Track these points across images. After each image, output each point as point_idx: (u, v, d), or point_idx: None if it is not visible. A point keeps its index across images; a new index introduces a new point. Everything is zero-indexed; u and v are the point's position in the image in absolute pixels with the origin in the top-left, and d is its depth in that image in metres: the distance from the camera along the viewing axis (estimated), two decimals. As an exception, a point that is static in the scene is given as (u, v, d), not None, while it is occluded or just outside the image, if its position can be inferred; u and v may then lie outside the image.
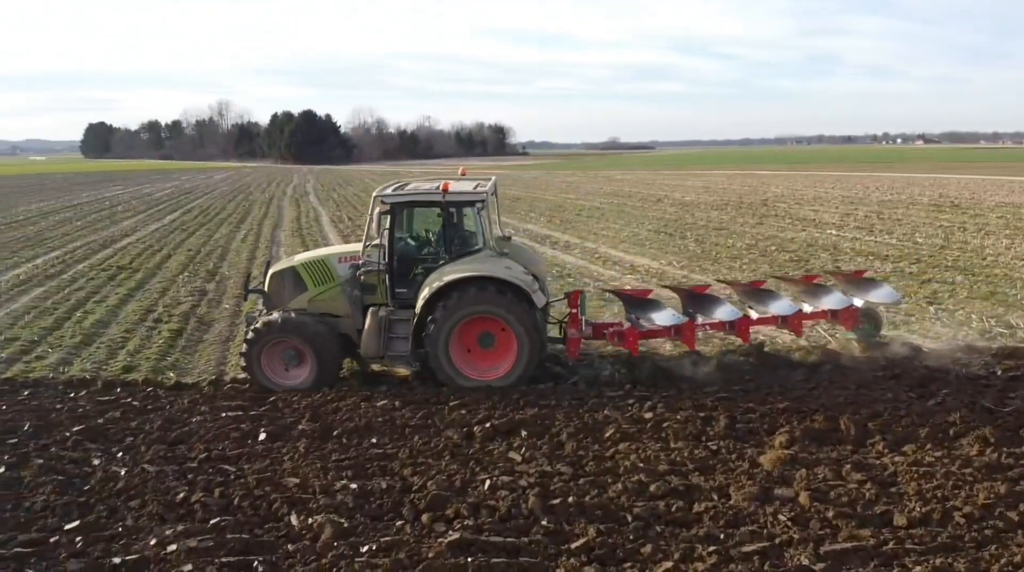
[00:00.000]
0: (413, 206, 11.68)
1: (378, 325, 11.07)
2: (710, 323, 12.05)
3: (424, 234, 12.01)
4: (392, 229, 11.39)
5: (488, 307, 10.78)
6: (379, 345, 11.11)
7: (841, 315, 12.22)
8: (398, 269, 11.40)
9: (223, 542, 6.60)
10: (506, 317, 10.78)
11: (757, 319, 12.28)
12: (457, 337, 10.93)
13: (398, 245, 11.49)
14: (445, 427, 9.38)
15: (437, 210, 11.55)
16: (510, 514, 7.10)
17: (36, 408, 10.33)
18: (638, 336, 11.66)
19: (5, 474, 8.15)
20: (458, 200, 11.39)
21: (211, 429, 9.48)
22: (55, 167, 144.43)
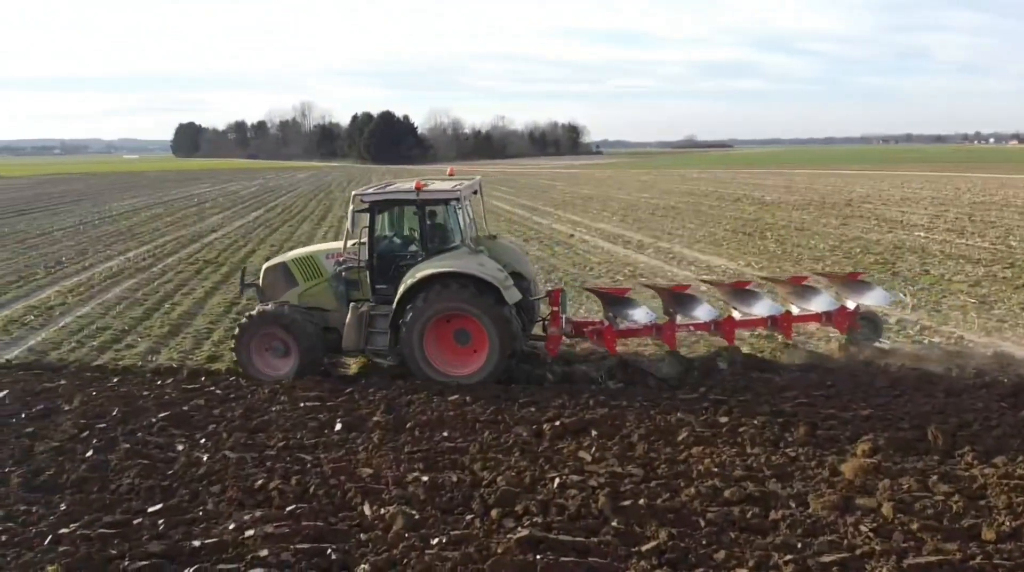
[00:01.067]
0: (390, 204, 11.86)
1: (358, 320, 11.34)
2: (695, 324, 12.05)
3: (403, 232, 12.20)
4: (372, 227, 11.61)
5: (457, 303, 10.88)
6: (359, 339, 11.38)
7: (835, 317, 12.04)
8: (378, 266, 11.62)
9: (298, 529, 6.76)
10: (475, 313, 10.85)
11: (743, 321, 12.17)
12: (432, 333, 11.06)
13: (378, 242, 11.70)
14: (515, 424, 9.39)
15: (414, 208, 11.71)
16: (579, 513, 7.05)
17: (124, 395, 10.82)
18: (615, 334, 11.72)
19: (93, 457, 8.54)
20: (432, 198, 11.59)
21: (290, 418, 9.74)
22: (147, 165, 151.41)
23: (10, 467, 8.31)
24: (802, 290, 12.70)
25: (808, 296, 12.55)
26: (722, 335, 12.04)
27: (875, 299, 12.49)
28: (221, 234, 32.31)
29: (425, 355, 11.06)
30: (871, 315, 12.51)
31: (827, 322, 12.30)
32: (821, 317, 12.27)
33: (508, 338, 10.88)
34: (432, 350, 11.11)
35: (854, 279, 13.05)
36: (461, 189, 11.78)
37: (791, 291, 12.92)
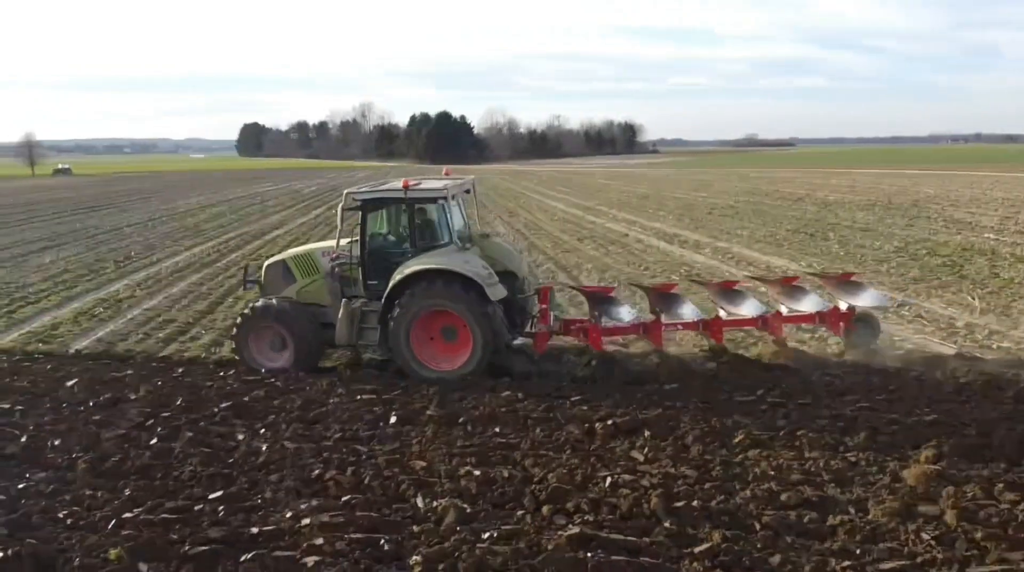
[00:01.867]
0: (380, 203, 12.05)
1: (350, 315, 11.59)
2: (683, 323, 12.06)
3: (393, 230, 12.36)
4: (363, 225, 11.85)
5: (441, 300, 11.06)
6: (351, 334, 11.64)
7: (828, 318, 11.96)
8: (370, 263, 11.85)
9: (353, 519, 6.86)
10: (458, 309, 11.00)
11: (732, 320, 12.16)
12: (419, 329, 11.24)
13: (369, 240, 11.93)
14: (567, 421, 9.37)
15: (403, 206, 11.89)
16: (631, 513, 6.99)
17: (189, 385, 11.16)
18: (600, 333, 11.78)
19: (157, 445, 8.83)
20: (419, 197, 11.77)
21: (346, 410, 9.91)
22: (213, 165, 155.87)
23: (78, 453, 8.62)
24: (792, 290, 12.64)
25: (798, 296, 12.48)
26: (710, 335, 12.08)
27: (868, 300, 12.29)
28: (283, 231, 33.08)
29: (412, 350, 11.26)
30: (867, 317, 12.31)
31: (821, 322, 12.22)
32: (815, 317, 12.20)
33: (490, 334, 11.00)
34: (419, 345, 11.31)
35: (847, 279, 12.89)
36: (448, 188, 11.92)
37: (781, 291, 12.83)
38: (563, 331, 12.31)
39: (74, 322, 16.17)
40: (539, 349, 11.96)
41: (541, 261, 22.98)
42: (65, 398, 10.59)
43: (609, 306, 12.18)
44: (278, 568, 6.11)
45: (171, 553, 6.32)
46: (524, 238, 28.84)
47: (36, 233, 34.18)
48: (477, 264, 11.30)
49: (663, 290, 12.74)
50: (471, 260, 11.37)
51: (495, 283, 11.18)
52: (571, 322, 12.50)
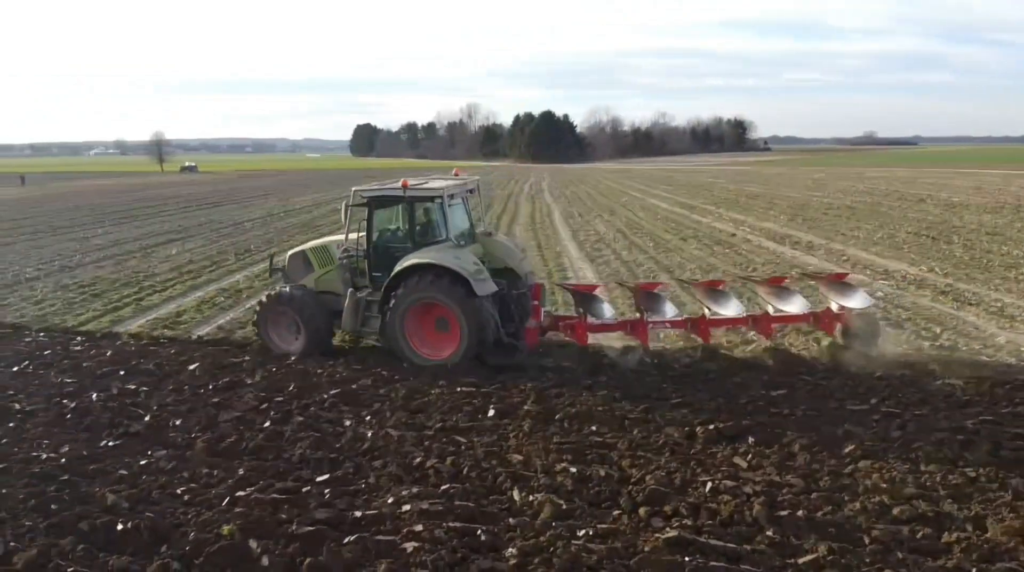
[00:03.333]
0: (384, 200, 12.52)
1: (355, 304, 12.33)
2: (672, 321, 12.26)
3: (396, 226, 12.94)
4: (370, 221, 12.46)
5: (432, 293, 11.58)
6: (355, 322, 12.41)
7: (821, 318, 12.06)
8: (375, 256, 12.48)
9: (451, 508, 7.00)
10: (447, 302, 11.52)
11: (721, 320, 12.27)
12: (414, 319, 11.87)
13: (374, 235, 12.52)
14: (666, 424, 9.22)
15: (403, 205, 12.44)
16: (732, 520, 6.82)
17: (301, 372, 11.64)
18: (586, 329, 12.06)
19: (270, 428, 9.26)
20: (417, 195, 12.29)
21: (447, 401, 10.11)
22: (327, 164, 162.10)
23: (197, 433, 9.17)
24: (779, 291, 12.63)
25: (785, 297, 12.50)
26: (698, 334, 12.25)
27: (855, 302, 12.10)
28: (389, 228, 33.99)
29: (406, 338, 11.89)
30: (868, 318, 12.31)
31: (815, 323, 12.26)
32: (808, 317, 12.27)
33: (476, 327, 11.44)
34: (413, 334, 11.91)
35: (839, 280, 12.78)
36: (446, 188, 12.36)
37: (770, 292, 12.79)
38: (552, 326, 12.68)
39: (197, 310, 17.17)
40: (529, 343, 12.16)
41: (641, 261, 22.68)
42: (187, 381, 11.27)
43: (592, 304, 12.33)
44: (379, 551, 6.30)
45: (279, 532, 6.63)
46: (624, 237, 28.52)
47: (164, 226, 36.53)
48: (468, 260, 11.69)
49: (648, 289, 12.84)
50: (462, 256, 11.76)
51: (484, 279, 11.59)
52: (560, 318, 12.84)
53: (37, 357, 12.74)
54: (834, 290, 12.44)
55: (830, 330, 12.12)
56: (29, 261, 25.11)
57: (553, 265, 22.30)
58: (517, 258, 13.15)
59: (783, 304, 12.40)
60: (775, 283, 13.00)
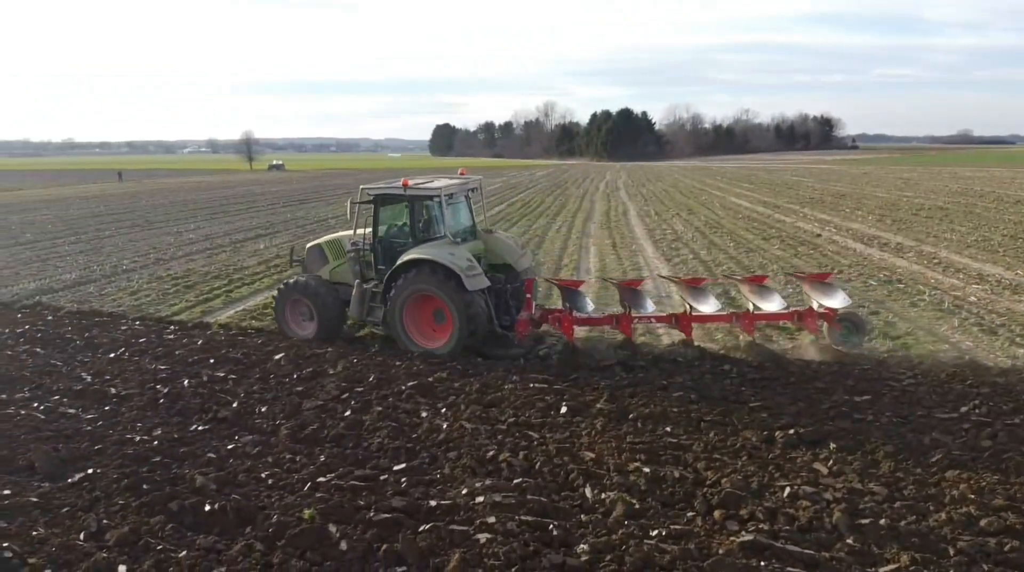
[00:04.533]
0: (388, 198, 13.18)
1: (361, 295, 13.07)
2: (656, 316, 12.79)
3: (399, 222, 13.55)
4: (376, 217, 13.15)
5: (427, 286, 12.19)
6: (361, 311, 13.14)
7: (805, 317, 12.32)
8: (380, 250, 13.18)
9: (523, 501, 7.07)
10: (440, 295, 12.12)
11: (705, 316, 12.57)
12: (412, 310, 12.57)
13: (379, 230, 13.19)
14: (744, 427, 9.04)
15: (404, 203, 13.10)
16: (811, 526, 6.65)
17: (380, 363, 11.93)
18: (572, 322, 12.47)
19: (351, 417, 9.54)
20: (417, 194, 12.86)
21: (520, 397, 10.19)
22: (406, 163, 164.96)
23: (281, 420, 9.53)
24: (760, 290, 12.83)
25: (765, 295, 12.68)
26: (680, 329, 12.59)
27: (834, 302, 12.24)
28: (466, 225, 34.35)
29: (404, 327, 12.60)
30: (854, 317, 12.55)
31: (799, 321, 12.52)
32: (792, 316, 12.61)
33: (466, 319, 12.02)
34: (411, 324, 12.64)
35: (822, 280, 12.88)
36: (444, 187, 12.88)
37: (751, 290, 12.98)
38: (541, 319, 13.09)
39: (282, 302, 17.72)
40: (519, 334, 12.68)
41: (721, 261, 22.26)
42: (272, 370, 11.69)
43: (576, 298, 12.96)
44: (453, 541, 6.43)
45: (358, 518, 6.84)
46: (704, 237, 28.05)
47: (253, 221, 37.91)
48: (462, 257, 12.21)
49: (631, 285, 13.26)
50: (457, 253, 12.30)
51: (475, 274, 12.12)
52: (549, 311, 13.20)
53: (132, 344, 13.45)
54: (816, 290, 12.64)
55: (813, 328, 12.32)
56: (126, 253, 26.49)
57: (628, 264, 22.12)
58: (516, 254, 13.70)
59: (764, 302, 12.61)
60: (757, 282, 13.31)
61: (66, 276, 21.99)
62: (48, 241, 30.60)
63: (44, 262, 24.80)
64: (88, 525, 6.86)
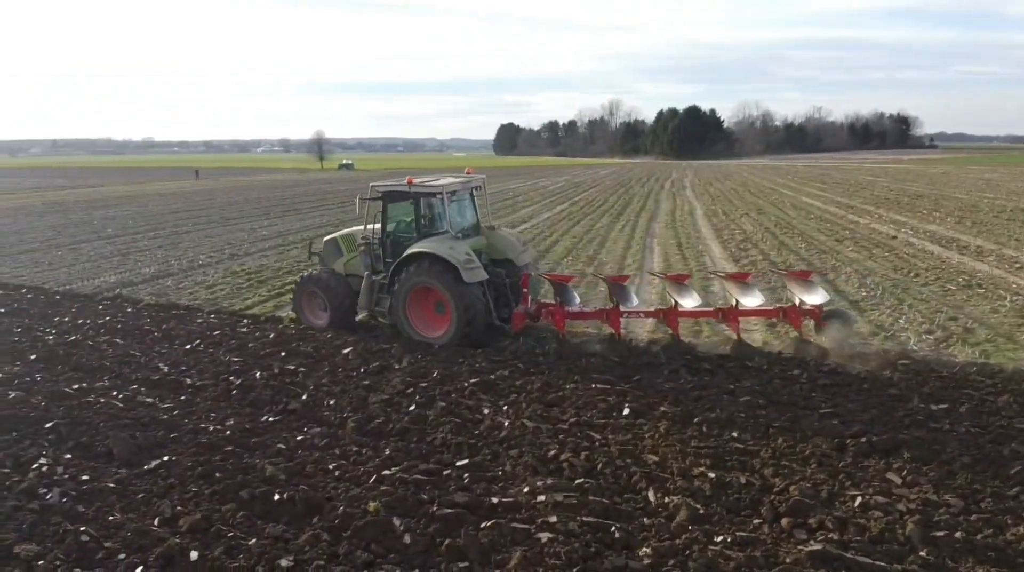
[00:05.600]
0: (395, 195, 13.74)
1: (370, 286, 13.77)
2: (645, 311, 13.32)
3: (406, 218, 14.05)
4: (384, 213, 13.80)
5: (427, 278, 12.76)
6: (370, 302, 13.82)
7: (789, 314, 12.56)
8: (388, 244, 13.80)
9: (585, 502, 7.04)
10: (439, 287, 12.68)
11: (691, 311, 12.90)
12: (415, 301, 13.17)
13: (387, 226, 13.82)
14: (814, 434, 8.79)
15: (409, 199, 13.67)
16: (882, 537, 6.45)
17: (443, 360, 12.04)
18: (563, 316, 12.97)
19: (415, 412, 9.67)
20: (421, 192, 13.45)
21: (582, 397, 10.14)
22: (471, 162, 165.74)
23: (348, 413, 9.73)
24: (743, 286, 13.01)
25: (746, 292, 12.80)
26: (667, 324, 12.87)
27: (813, 299, 12.38)
28: (530, 224, 34.40)
29: (408, 318, 13.23)
30: (842, 315, 12.85)
31: (784, 318, 12.75)
32: (778, 313, 12.86)
33: (464, 310, 12.56)
34: (414, 314, 13.25)
35: (804, 278, 13.06)
36: (447, 185, 13.47)
37: (735, 287, 13.12)
38: (536, 313, 13.46)
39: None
40: (514, 326, 13.09)
41: (791, 262, 21.71)
42: (340, 364, 11.94)
43: (565, 293, 13.26)
44: (515, 539, 6.45)
45: (421, 511, 6.93)
46: (774, 237, 27.41)
47: (324, 219, 38.74)
48: (461, 251, 12.75)
49: (619, 280, 13.73)
50: (457, 247, 12.83)
51: (473, 268, 12.64)
52: (544, 305, 13.57)
53: (207, 336, 13.92)
54: (798, 286, 12.79)
55: (797, 325, 12.54)
56: (202, 249, 27.43)
57: (694, 264, 21.79)
58: (517, 250, 14.22)
59: (745, 298, 12.70)
60: (740, 278, 13.49)
61: (145, 270, 22.92)
62: (128, 236, 31.94)
63: (124, 256, 25.89)
64: (162, 511, 7.13)
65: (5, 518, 6.96)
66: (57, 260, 25.28)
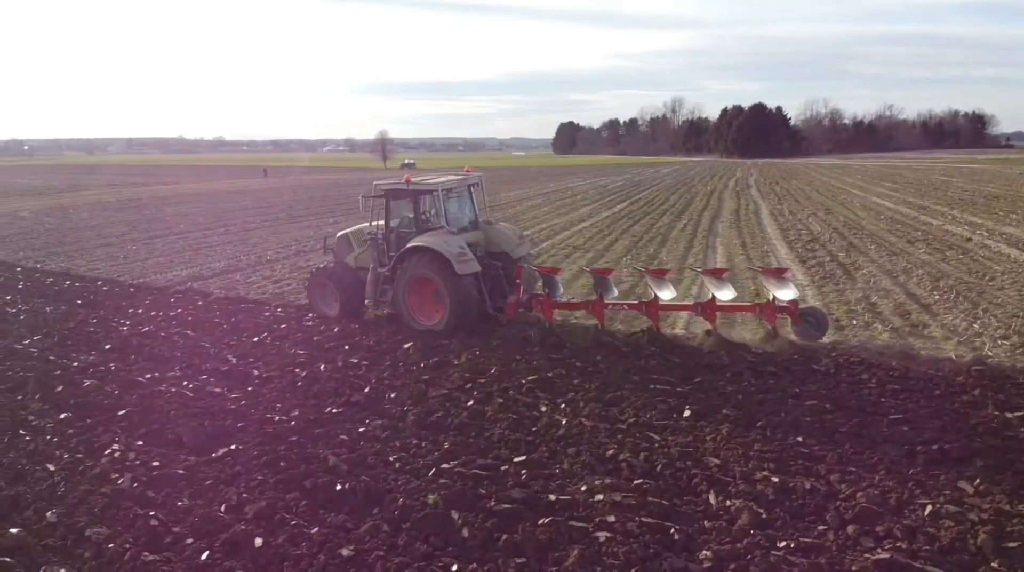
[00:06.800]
0: (395, 193, 14.53)
1: (376, 278, 14.57)
2: (628, 303, 14.09)
3: (406, 215, 14.83)
4: (387, 209, 14.63)
5: (424, 270, 13.59)
6: (376, 293, 14.61)
7: (765, 310, 12.93)
8: (393, 239, 14.55)
9: (644, 503, 6.97)
10: (435, 278, 13.51)
11: (670, 305, 13.49)
12: (415, 292, 13.96)
13: (391, 222, 14.63)
14: (882, 440, 8.53)
15: (409, 196, 14.42)
16: (953, 547, 6.22)
17: (501, 356, 12.08)
18: (551, 305, 13.66)
19: (473, 407, 9.75)
20: (418, 189, 14.26)
21: (640, 397, 10.04)
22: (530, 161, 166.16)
23: (408, 406, 9.86)
24: (718, 281, 13.49)
25: (722, 287, 13.25)
26: (648, 316, 13.35)
27: (784, 295, 12.77)
28: (589, 223, 34.24)
29: (408, 307, 14.01)
30: (816, 313, 13.11)
31: (761, 313, 13.11)
32: (756, 308, 13.27)
33: (458, 299, 13.35)
34: (414, 304, 14.03)
35: (779, 275, 13.49)
36: (443, 183, 14.37)
37: (711, 281, 13.60)
38: (527, 302, 13.96)
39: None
40: (507, 315, 13.77)
41: (861, 264, 21.07)
42: (401, 358, 12.12)
43: (552, 284, 14.08)
44: (572, 537, 6.43)
45: (479, 506, 6.97)
46: (842, 238, 26.66)
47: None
48: (455, 244, 13.51)
49: (603, 273, 14.39)
50: (451, 241, 13.58)
51: (467, 260, 13.40)
52: (535, 296, 14.08)
53: (274, 329, 14.29)
54: (772, 282, 13.20)
55: (772, 321, 12.81)
56: (269, 245, 28.15)
57: (759, 265, 21.30)
58: (513, 244, 14.93)
59: (720, 293, 13.09)
60: (717, 274, 13.98)
61: (215, 264, 23.65)
62: (199, 232, 33.00)
63: (196, 251, 26.77)
64: (229, 498, 7.35)
65: (77, 502, 7.26)
66: (132, 254, 26.30)
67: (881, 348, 12.33)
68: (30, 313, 16.08)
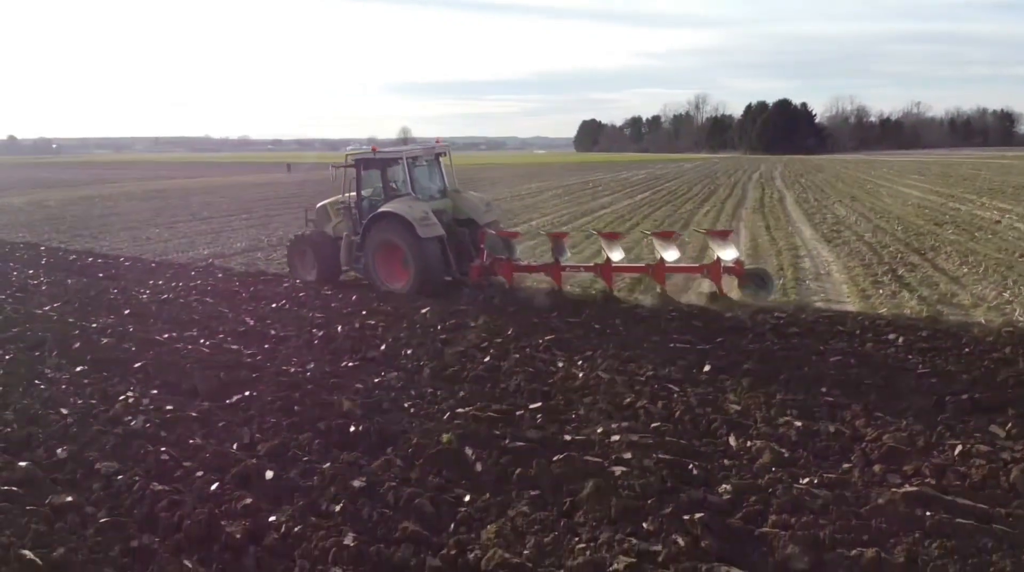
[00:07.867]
0: (366, 162, 15.21)
1: (349, 245, 15.27)
2: (584, 266, 14.67)
3: (375, 183, 15.48)
4: (358, 179, 15.22)
5: (389, 235, 14.20)
6: (350, 259, 15.31)
7: (711, 270, 13.08)
8: (365, 207, 15.17)
9: (662, 443, 6.81)
10: (400, 243, 14.10)
11: (621, 266, 14.11)
12: (383, 256, 14.60)
13: (363, 190, 15.30)
14: (910, 392, 8.29)
15: (377, 165, 15.15)
16: (983, 484, 6.01)
17: (520, 320, 11.91)
18: (511, 269, 14.17)
19: (490, 362, 9.65)
20: (385, 158, 15.05)
21: (660, 354, 9.86)
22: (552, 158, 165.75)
23: (425, 361, 9.76)
24: (665, 243, 13.99)
25: (668, 249, 13.78)
26: (601, 277, 13.86)
27: (726, 255, 13.07)
28: (610, 210, 34.02)
29: (376, 271, 14.73)
30: (761, 273, 13.40)
31: (707, 274, 13.22)
32: (702, 269, 13.46)
33: (421, 263, 13.92)
34: (382, 268, 14.71)
35: (724, 237, 13.94)
36: (408, 150, 15.15)
37: (660, 243, 14.04)
38: (491, 266, 14.29)
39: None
40: (472, 278, 14.15)
41: (887, 242, 20.68)
42: (419, 321, 11.98)
43: (511, 247, 14.60)
44: (587, 471, 6.27)
45: (493, 444, 6.84)
46: (868, 221, 26.23)
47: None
48: (418, 209, 13.97)
49: (558, 237, 15.06)
50: (415, 207, 14.04)
51: (429, 224, 13.83)
52: (496, 260, 14.33)
53: (293, 297, 14.24)
54: (717, 244, 13.49)
55: (717, 280, 12.94)
56: (291, 228, 28.05)
57: (784, 244, 21.01)
58: (480, 211, 15.36)
59: (667, 254, 13.57)
60: (665, 236, 14.49)
61: (237, 245, 23.76)
62: (223, 218, 33.20)
63: (218, 234, 26.92)
64: (241, 437, 7.30)
65: (89, 440, 7.22)
66: (155, 236, 26.51)
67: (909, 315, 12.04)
68: (52, 284, 16.19)
